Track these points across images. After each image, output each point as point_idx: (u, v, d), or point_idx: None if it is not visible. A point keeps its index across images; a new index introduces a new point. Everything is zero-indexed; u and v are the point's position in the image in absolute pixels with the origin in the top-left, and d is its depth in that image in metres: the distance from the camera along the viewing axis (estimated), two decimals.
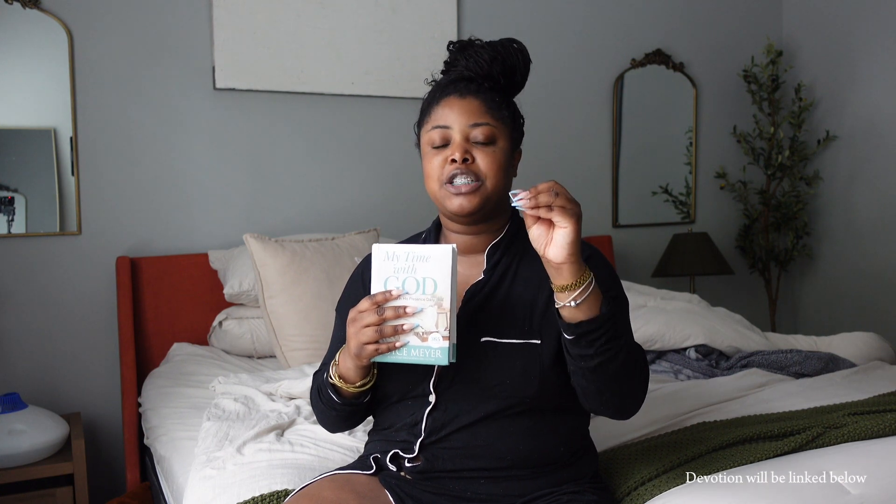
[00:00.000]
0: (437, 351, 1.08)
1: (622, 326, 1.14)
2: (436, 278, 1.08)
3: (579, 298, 1.07)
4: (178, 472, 1.71)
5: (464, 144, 1.21)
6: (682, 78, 3.54)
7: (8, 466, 2.08)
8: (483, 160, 1.21)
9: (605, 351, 1.09)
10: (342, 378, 1.20)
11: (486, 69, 1.24)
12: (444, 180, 1.21)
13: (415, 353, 1.09)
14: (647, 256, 3.49)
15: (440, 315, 1.07)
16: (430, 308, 1.08)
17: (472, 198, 1.20)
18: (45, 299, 2.50)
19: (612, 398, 1.16)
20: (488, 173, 1.20)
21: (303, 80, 2.80)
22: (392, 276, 1.09)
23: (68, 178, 2.51)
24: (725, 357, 2.32)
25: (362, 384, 1.20)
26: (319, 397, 1.27)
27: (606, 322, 1.08)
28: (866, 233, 3.45)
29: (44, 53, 2.47)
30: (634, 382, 1.16)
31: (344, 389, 1.21)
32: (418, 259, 1.08)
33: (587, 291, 1.07)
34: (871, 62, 3.38)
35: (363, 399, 1.24)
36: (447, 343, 1.08)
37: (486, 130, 1.21)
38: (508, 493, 1.20)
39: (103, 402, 2.56)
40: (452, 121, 1.22)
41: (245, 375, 2.10)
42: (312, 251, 2.39)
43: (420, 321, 1.08)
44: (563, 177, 3.32)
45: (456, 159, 1.19)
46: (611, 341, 1.09)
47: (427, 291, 1.08)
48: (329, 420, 1.30)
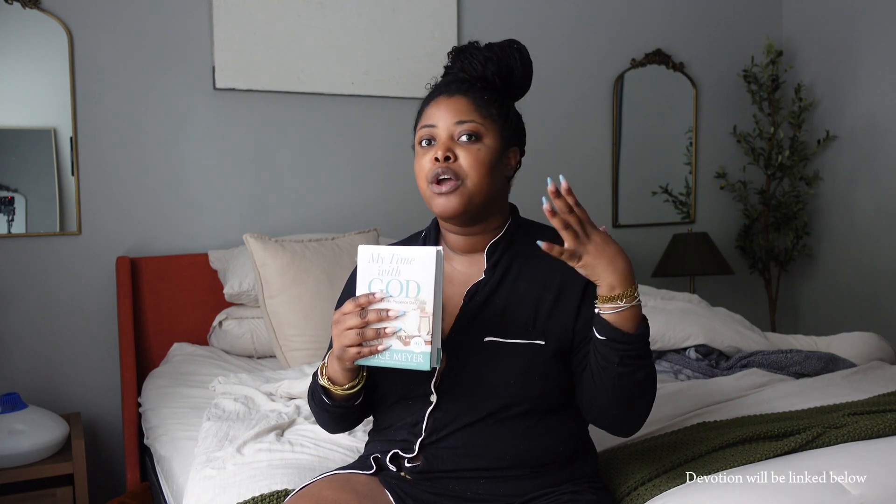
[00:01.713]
0: (419, 355, 1.06)
1: (649, 349, 1.15)
2: (419, 281, 1.06)
3: (612, 310, 1.10)
4: (178, 472, 1.71)
5: (447, 143, 1.21)
6: (682, 78, 3.54)
7: (8, 466, 2.08)
8: (465, 158, 1.20)
9: (628, 363, 1.11)
10: (331, 380, 1.20)
11: (480, 70, 1.24)
12: (430, 180, 1.21)
13: (397, 356, 1.07)
14: (647, 256, 3.49)
15: (423, 319, 1.06)
16: (412, 311, 1.06)
17: (453, 197, 1.19)
18: (45, 299, 2.50)
19: (620, 411, 1.18)
20: (469, 172, 1.19)
21: (303, 80, 2.80)
22: (377, 277, 1.08)
23: (68, 178, 2.51)
24: (725, 357, 2.32)
25: (350, 387, 1.19)
26: (313, 398, 1.28)
27: (637, 340, 1.10)
28: (866, 232, 3.44)
29: (44, 53, 2.47)
30: (642, 402, 1.17)
31: (333, 392, 1.20)
32: (402, 261, 1.07)
33: (622, 309, 1.09)
34: (871, 62, 3.38)
35: (354, 402, 1.23)
36: (429, 348, 1.06)
37: (470, 127, 1.21)
38: (508, 493, 1.20)
39: (103, 402, 2.56)
40: (438, 119, 1.22)
41: (245, 375, 2.10)
42: (312, 251, 2.39)
43: (403, 325, 1.07)
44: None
45: (438, 157, 1.19)
46: (636, 359, 1.11)
47: (410, 294, 1.07)
48: (324, 421, 1.31)
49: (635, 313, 1.10)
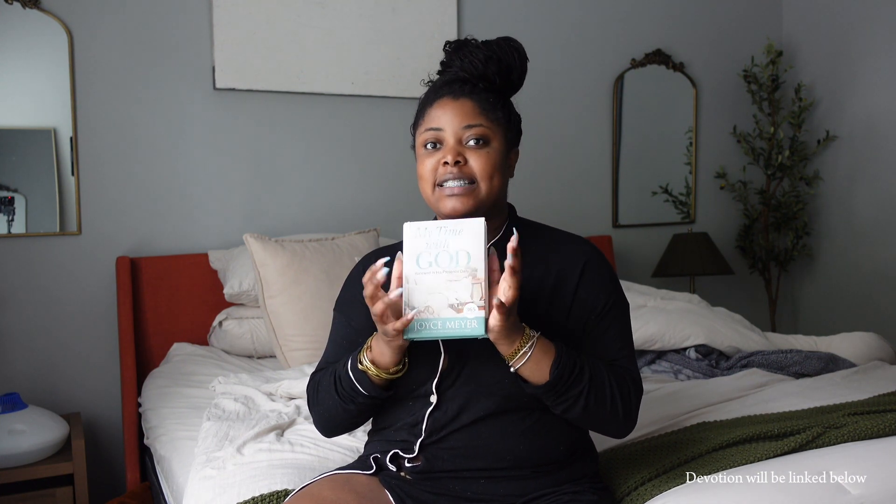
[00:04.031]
0: (474, 321, 1.07)
1: (577, 379, 1.14)
2: (469, 250, 1.08)
3: (517, 365, 1.12)
4: (178, 472, 1.71)
5: (456, 147, 1.20)
6: (682, 78, 3.54)
7: (8, 466, 2.07)
8: (476, 162, 1.20)
9: (564, 402, 1.15)
10: (375, 363, 1.17)
11: (481, 70, 1.23)
12: (437, 183, 1.21)
13: (450, 325, 1.08)
14: (647, 256, 3.49)
15: (475, 286, 1.07)
16: (464, 279, 1.08)
17: (466, 200, 1.19)
18: (45, 299, 2.50)
19: (591, 426, 1.23)
20: (482, 175, 1.20)
21: (302, 80, 2.80)
22: (424, 251, 1.09)
23: (68, 178, 2.51)
24: (725, 357, 2.32)
25: (395, 370, 1.17)
26: (336, 391, 1.22)
27: (557, 381, 1.12)
28: (866, 233, 3.44)
29: (44, 53, 2.47)
30: (606, 415, 1.18)
31: (374, 375, 1.17)
32: (451, 233, 1.09)
33: (530, 353, 1.11)
34: (871, 62, 3.38)
35: (388, 392, 1.21)
36: (482, 313, 1.07)
37: (479, 132, 1.21)
38: (508, 492, 1.20)
39: (103, 402, 2.56)
40: (445, 123, 1.21)
41: (245, 375, 2.10)
42: (312, 251, 2.39)
43: (456, 293, 1.08)
44: (564, 177, 3.32)
45: (448, 162, 1.19)
46: (567, 397, 1.14)
47: (461, 264, 1.08)
48: (335, 418, 1.26)
49: (541, 349, 1.12)
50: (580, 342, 1.23)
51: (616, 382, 1.18)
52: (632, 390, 1.21)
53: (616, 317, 1.25)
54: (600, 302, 1.24)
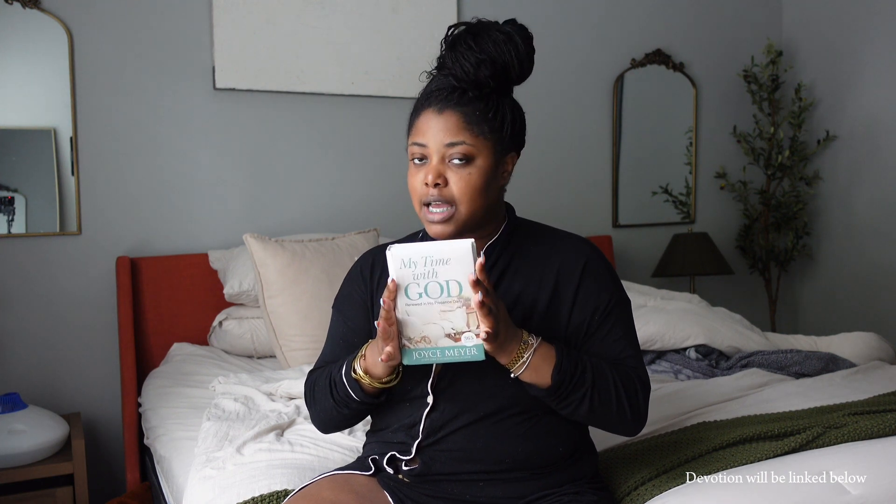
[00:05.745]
0: (472, 349, 1.07)
1: (579, 381, 1.14)
2: (459, 280, 1.04)
3: (517, 372, 1.12)
4: (178, 472, 1.71)
5: (438, 167, 1.17)
6: (682, 78, 3.54)
7: (8, 466, 2.07)
8: (457, 184, 1.16)
9: (568, 404, 1.15)
10: (368, 373, 1.17)
11: (472, 75, 1.17)
12: (422, 202, 1.19)
13: (448, 353, 1.08)
14: (647, 256, 3.49)
15: (470, 315, 1.05)
16: (458, 309, 1.05)
17: (446, 225, 1.18)
18: (45, 299, 2.49)
19: (600, 426, 1.23)
20: (461, 198, 1.17)
21: (303, 80, 2.80)
22: (412, 282, 1.05)
23: (68, 178, 2.51)
24: (725, 357, 2.32)
25: (388, 380, 1.17)
26: (331, 395, 1.22)
27: (558, 386, 1.12)
28: (866, 233, 3.44)
29: (44, 53, 2.47)
30: (613, 415, 1.18)
31: (367, 384, 1.17)
32: (438, 263, 1.03)
33: (528, 359, 1.11)
34: (871, 62, 3.38)
35: (381, 398, 1.21)
36: (480, 340, 1.06)
37: (462, 150, 1.16)
38: (508, 495, 1.20)
39: (103, 402, 2.56)
40: (429, 138, 1.18)
41: (245, 375, 2.10)
42: (312, 251, 2.39)
43: (451, 323, 1.06)
44: (564, 177, 3.32)
45: (428, 183, 1.17)
46: (571, 400, 1.14)
47: (452, 294, 1.04)
48: (331, 419, 1.26)
49: (541, 355, 1.12)
50: (583, 343, 1.22)
51: (622, 382, 1.18)
52: (639, 389, 1.20)
53: (619, 315, 1.24)
54: (603, 301, 1.23)
